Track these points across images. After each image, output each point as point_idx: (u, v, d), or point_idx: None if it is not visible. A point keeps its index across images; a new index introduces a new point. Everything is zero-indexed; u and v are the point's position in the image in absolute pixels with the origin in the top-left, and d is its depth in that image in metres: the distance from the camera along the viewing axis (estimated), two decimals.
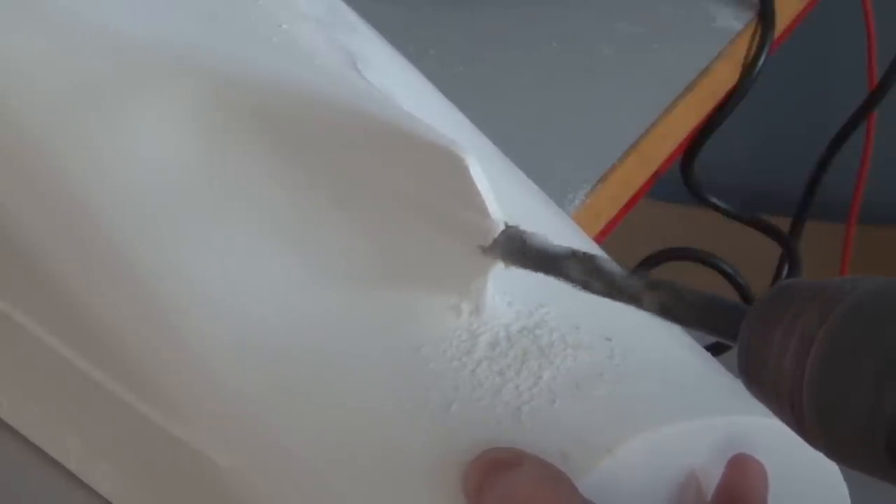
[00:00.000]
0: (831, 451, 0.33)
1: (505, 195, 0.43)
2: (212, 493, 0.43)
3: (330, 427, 0.41)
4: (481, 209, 0.42)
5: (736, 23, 0.77)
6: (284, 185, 0.46)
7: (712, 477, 0.42)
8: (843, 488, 0.45)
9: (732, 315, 0.36)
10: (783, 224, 0.98)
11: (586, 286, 0.40)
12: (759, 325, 0.34)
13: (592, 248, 0.50)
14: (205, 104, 0.47)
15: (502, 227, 0.42)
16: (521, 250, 0.42)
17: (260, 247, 0.45)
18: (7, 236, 0.47)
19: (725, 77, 0.77)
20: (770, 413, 0.34)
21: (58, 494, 0.48)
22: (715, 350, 0.68)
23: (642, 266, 0.88)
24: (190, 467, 0.44)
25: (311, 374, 0.42)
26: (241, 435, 0.42)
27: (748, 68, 0.78)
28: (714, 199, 0.87)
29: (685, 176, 0.83)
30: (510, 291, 0.44)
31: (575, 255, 0.41)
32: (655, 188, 0.78)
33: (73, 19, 0.50)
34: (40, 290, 0.47)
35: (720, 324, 0.36)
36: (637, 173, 0.70)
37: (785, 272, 0.99)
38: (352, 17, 0.57)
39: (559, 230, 0.48)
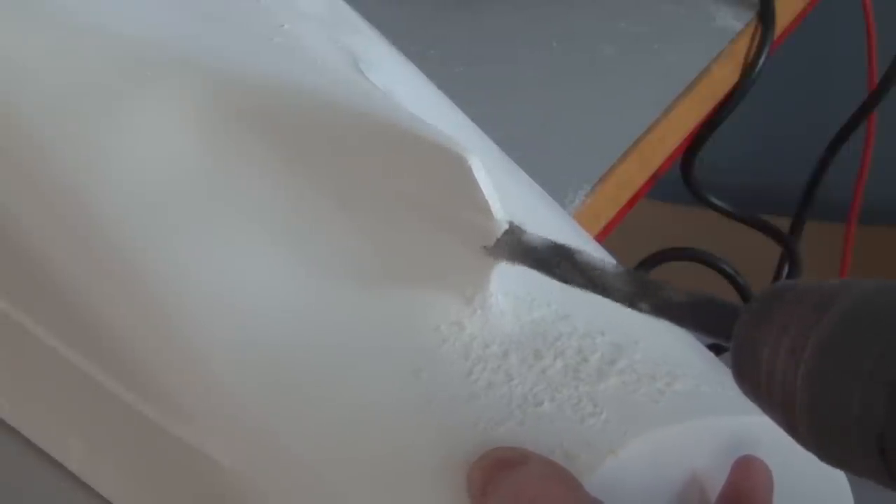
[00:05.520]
0: (822, 452, 0.33)
1: (508, 195, 0.43)
2: (213, 492, 0.43)
3: (332, 427, 0.41)
4: (485, 209, 0.42)
5: (736, 23, 0.78)
6: (286, 185, 0.46)
7: (716, 478, 0.42)
8: (847, 488, 0.45)
9: (726, 316, 0.36)
10: (783, 224, 0.98)
11: (586, 286, 0.40)
12: (752, 327, 0.34)
13: (594, 249, 0.50)
14: (206, 104, 0.47)
15: (505, 227, 0.42)
16: (524, 250, 0.42)
17: (261, 247, 0.45)
18: (7, 236, 0.47)
19: (725, 77, 0.77)
20: None
21: (59, 495, 0.48)
22: (716, 350, 0.68)
23: (642, 266, 0.88)
24: (191, 467, 0.44)
25: (314, 375, 0.42)
26: (243, 435, 0.42)
27: (748, 68, 0.78)
28: (714, 199, 0.87)
29: (685, 176, 0.84)
30: (513, 291, 0.44)
31: (575, 255, 0.41)
32: (655, 188, 0.78)
33: (74, 19, 0.50)
34: (40, 290, 0.47)
35: (714, 324, 0.36)
36: (637, 173, 0.70)
37: (785, 272, 1.00)
38: (353, 17, 0.57)
39: (561, 230, 0.48)
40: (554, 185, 0.59)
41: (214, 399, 0.43)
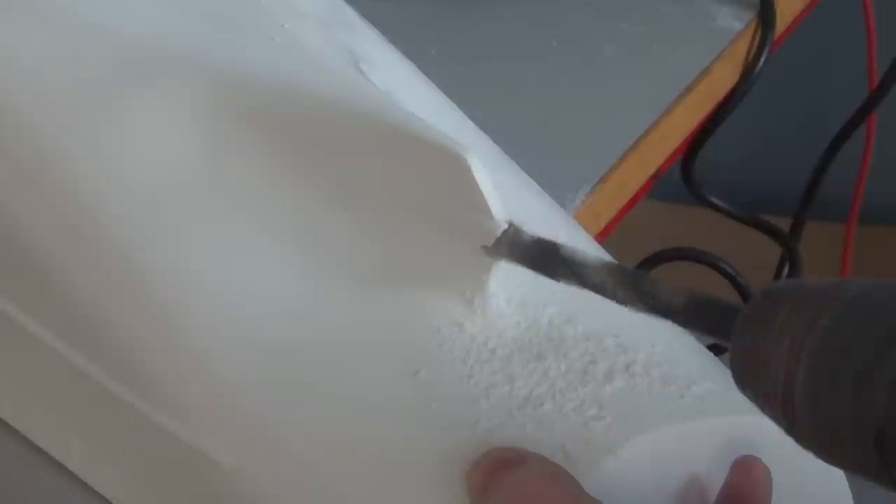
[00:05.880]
0: (821, 451, 0.33)
1: (507, 195, 0.43)
2: (213, 492, 0.43)
3: (332, 427, 0.41)
4: (484, 209, 0.42)
5: (736, 23, 0.78)
6: (287, 184, 0.46)
7: (715, 478, 0.42)
8: (846, 488, 0.45)
9: (725, 315, 0.36)
10: (783, 224, 0.98)
11: (585, 286, 0.40)
12: (752, 326, 0.34)
13: (594, 249, 0.50)
14: (207, 104, 0.47)
15: (505, 227, 0.42)
16: (523, 250, 0.42)
17: (262, 247, 0.45)
18: (9, 236, 0.47)
19: (726, 77, 0.77)
20: None
21: (59, 495, 0.48)
22: (716, 350, 0.68)
23: (642, 266, 0.88)
24: (192, 467, 0.44)
25: (314, 375, 0.42)
26: (244, 435, 0.42)
27: (748, 68, 0.78)
28: (714, 199, 0.87)
29: (685, 176, 0.84)
30: (513, 291, 0.44)
31: (574, 255, 0.41)
32: (655, 188, 0.78)
33: (75, 19, 0.50)
34: (42, 291, 0.47)
35: (713, 324, 0.36)
36: (637, 173, 0.70)
37: (785, 272, 1.00)
38: (353, 16, 0.58)
39: (561, 230, 0.48)
40: (554, 185, 0.59)
41: (214, 399, 0.43)
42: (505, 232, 0.42)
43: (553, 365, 0.42)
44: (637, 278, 0.39)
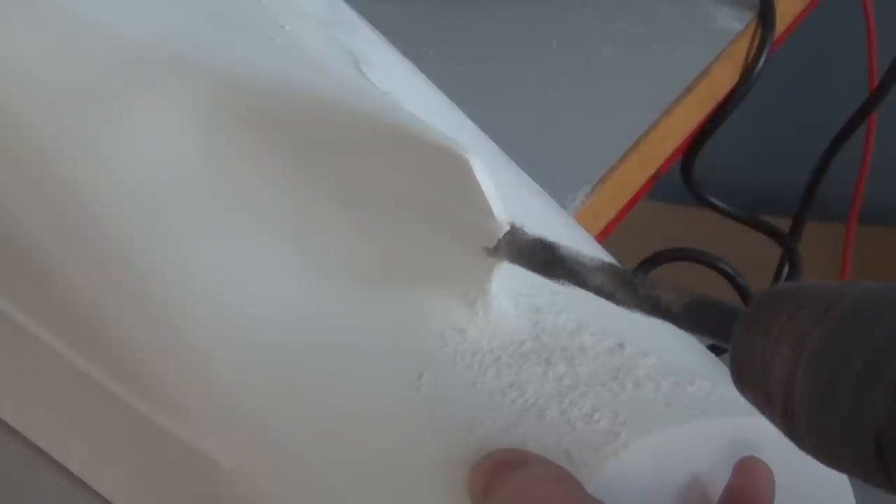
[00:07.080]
0: (821, 453, 0.33)
1: (508, 195, 0.43)
2: (213, 493, 0.43)
3: (333, 428, 0.41)
4: (486, 210, 0.42)
5: (736, 23, 0.78)
6: (287, 185, 0.46)
7: (718, 479, 0.42)
8: (848, 489, 0.45)
9: (725, 318, 0.36)
10: (783, 224, 0.98)
11: (586, 287, 0.40)
12: (752, 329, 0.34)
13: (595, 249, 0.50)
14: (207, 105, 0.47)
15: (507, 228, 0.42)
16: (524, 251, 0.42)
17: (262, 247, 0.45)
18: (9, 236, 0.47)
19: (725, 78, 0.77)
20: None
21: (59, 495, 0.48)
22: (715, 351, 0.68)
23: (642, 266, 0.88)
24: (192, 468, 0.43)
25: (315, 376, 0.42)
26: (244, 436, 0.42)
27: (748, 69, 0.78)
28: (714, 199, 0.87)
29: (685, 176, 0.84)
30: (515, 292, 0.44)
31: (575, 257, 0.41)
32: (655, 188, 0.78)
33: (76, 19, 0.50)
34: (42, 291, 0.47)
35: (713, 326, 0.36)
36: (637, 174, 0.70)
37: (785, 272, 0.99)
38: (353, 17, 0.58)
39: (562, 231, 0.48)
40: (554, 185, 0.59)
41: (215, 399, 0.43)
42: (507, 233, 0.42)
43: (555, 366, 0.42)
44: (637, 280, 0.39)
